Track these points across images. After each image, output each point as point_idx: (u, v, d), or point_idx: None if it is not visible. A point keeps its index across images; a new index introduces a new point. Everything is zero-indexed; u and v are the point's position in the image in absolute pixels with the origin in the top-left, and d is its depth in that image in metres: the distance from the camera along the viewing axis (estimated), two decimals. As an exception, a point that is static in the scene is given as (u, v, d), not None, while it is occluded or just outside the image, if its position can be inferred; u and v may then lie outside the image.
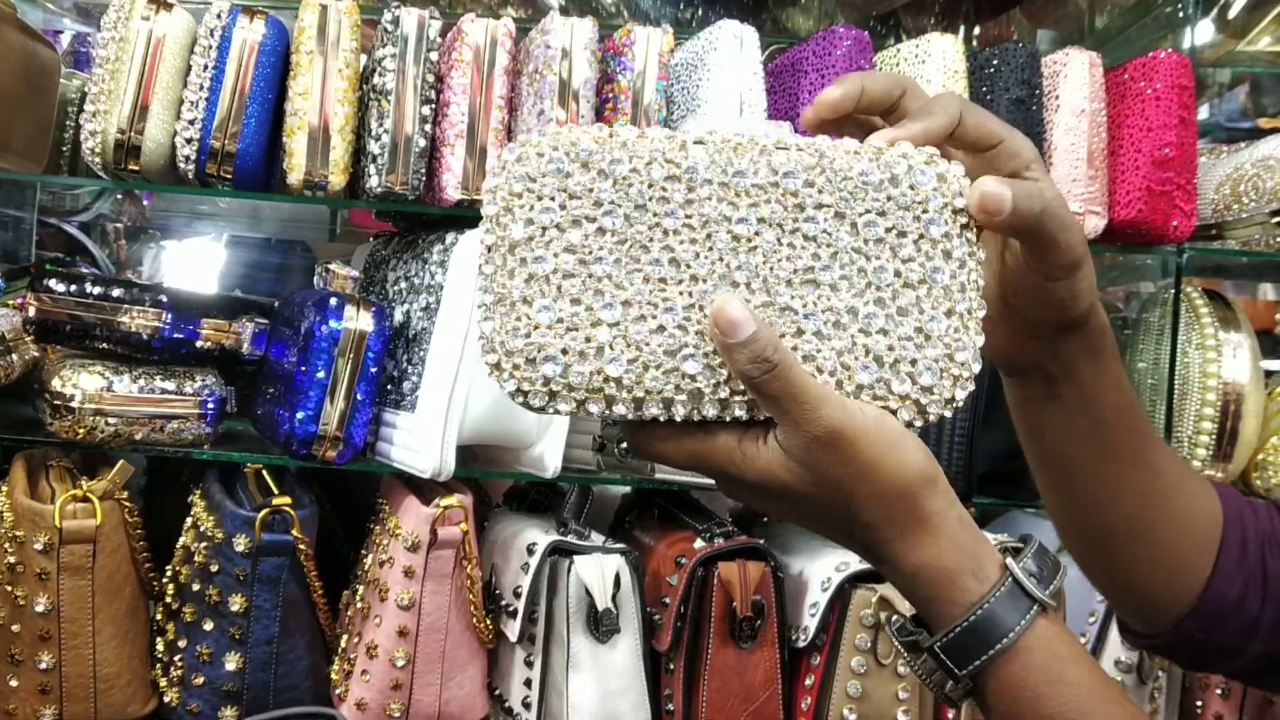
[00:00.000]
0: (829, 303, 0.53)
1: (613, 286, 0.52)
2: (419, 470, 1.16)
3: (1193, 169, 1.27)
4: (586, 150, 0.51)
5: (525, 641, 1.24)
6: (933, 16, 1.54)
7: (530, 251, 0.51)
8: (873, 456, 0.51)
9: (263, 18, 1.19)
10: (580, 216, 0.51)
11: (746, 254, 0.52)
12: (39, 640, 1.15)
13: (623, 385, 0.51)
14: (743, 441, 0.53)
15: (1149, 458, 0.67)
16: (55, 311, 1.19)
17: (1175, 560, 0.69)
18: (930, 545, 0.52)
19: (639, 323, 0.52)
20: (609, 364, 0.51)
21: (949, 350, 0.53)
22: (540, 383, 0.51)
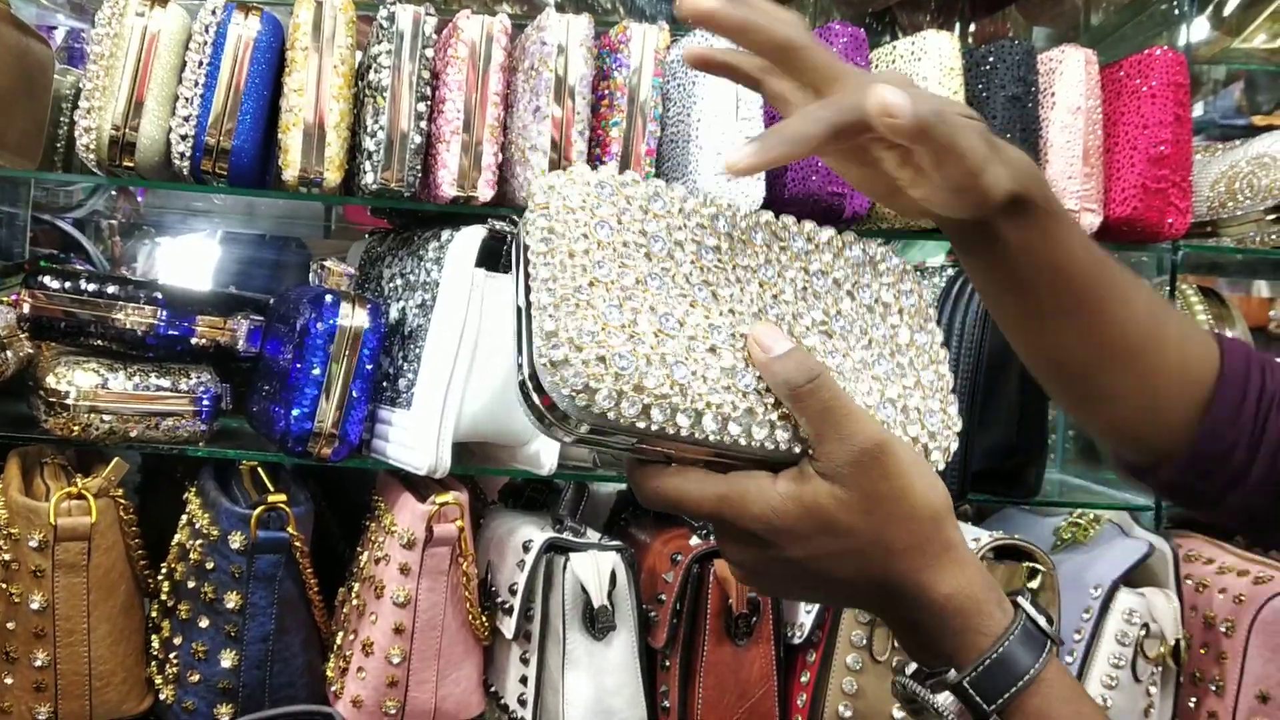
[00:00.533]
0: (845, 351, 0.57)
1: (666, 305, 0.53)
2: (415, 467, 1.16)
3: (1188, 166, 1.27)
4: (629, 186, 0.55)
5: (521, 639, 1.24)
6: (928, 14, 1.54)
7: (589, 259, 0.52)
8: (912, 476, 0.52)
9: (258, 14, 1.19)
10: (630, 240, 0.54)
11: (773, 299, 0.56)
12: (34, 638, 1.15)
13: (687, 394, 0.51)
14: (779, 481, 0.52)
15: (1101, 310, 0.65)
16: (50, 308, 1.18)
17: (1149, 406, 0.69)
18: (960, 574, 0.53)
19: (693, 341, 0.53)
20: (675, 369, 0.51)
21: (943, 404, 0.58)
22: (611, 380, 0.50)
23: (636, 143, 1.21)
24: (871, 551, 0.52)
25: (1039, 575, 1.16)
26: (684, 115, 1.23)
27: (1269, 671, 1.10)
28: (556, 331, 0.50)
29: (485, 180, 1.19)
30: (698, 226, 0.56)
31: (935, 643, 0.54)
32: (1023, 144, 1.24)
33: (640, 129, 1.21)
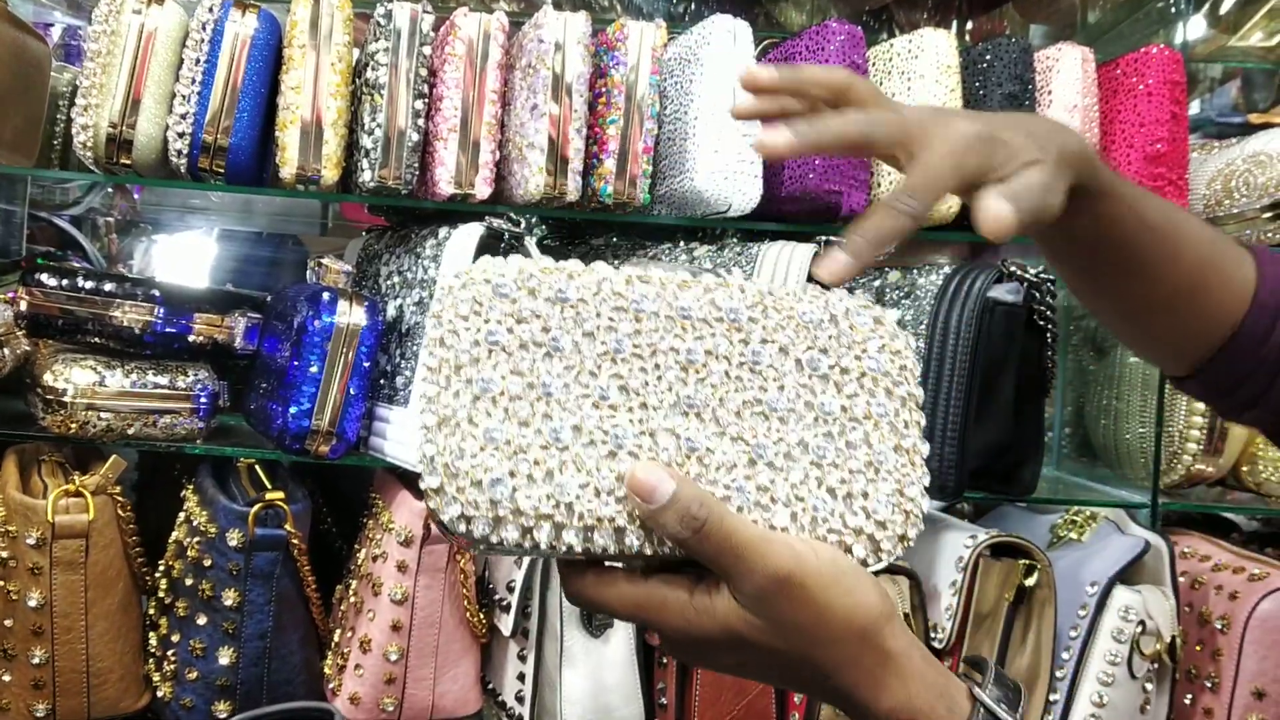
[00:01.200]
0: (780, 434, 0.53)
1: (561, 411, 0.50)
2: (412, 465, 1.16)
3: (1184, 164, 1.27)
4: (534, 279, 0.51)
5: (519, 636, 1.24)
6: (926, 11, 1.54)
7: (476, 371, 0.49)
8: (829, 599, 0.49)
9: (255, 11, 1.19)
10: (528, 340, 0.50)
11: (696, 384, 0.52)
12: (32, 635, 1.15)
13: (574, 511, 0.49)
14: (694, 594, 0.50)
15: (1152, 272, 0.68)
16: (47, 306, 1.18)
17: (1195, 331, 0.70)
18: (900, 688, 0.51)
19: (590, 448, 0.50)
20: (559, 488, 0.49)
21: (899, 485, 0.54)
22: (486, 507, 0.48)
23: (634, 140, 1.21)
24: (800, 668, 0.51)
25: (1035, 572, 1.16)
26: (681, 113, 1.24)
27: (1264, 668, 1.11)
28: (434, 458, 0.48)
29: (483, 178, 1.19)
30: (615, 311, 0.52)
31: None
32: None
33: (637, 126, 1.21)
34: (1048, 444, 1.51)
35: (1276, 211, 1.35)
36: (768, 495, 0.52)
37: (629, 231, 1.36)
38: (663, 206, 1.29)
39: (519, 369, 0.50)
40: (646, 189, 1.22)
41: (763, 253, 1.22)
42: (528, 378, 0.50)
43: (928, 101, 1.22)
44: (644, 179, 1.22)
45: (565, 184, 1.19)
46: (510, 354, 0.50)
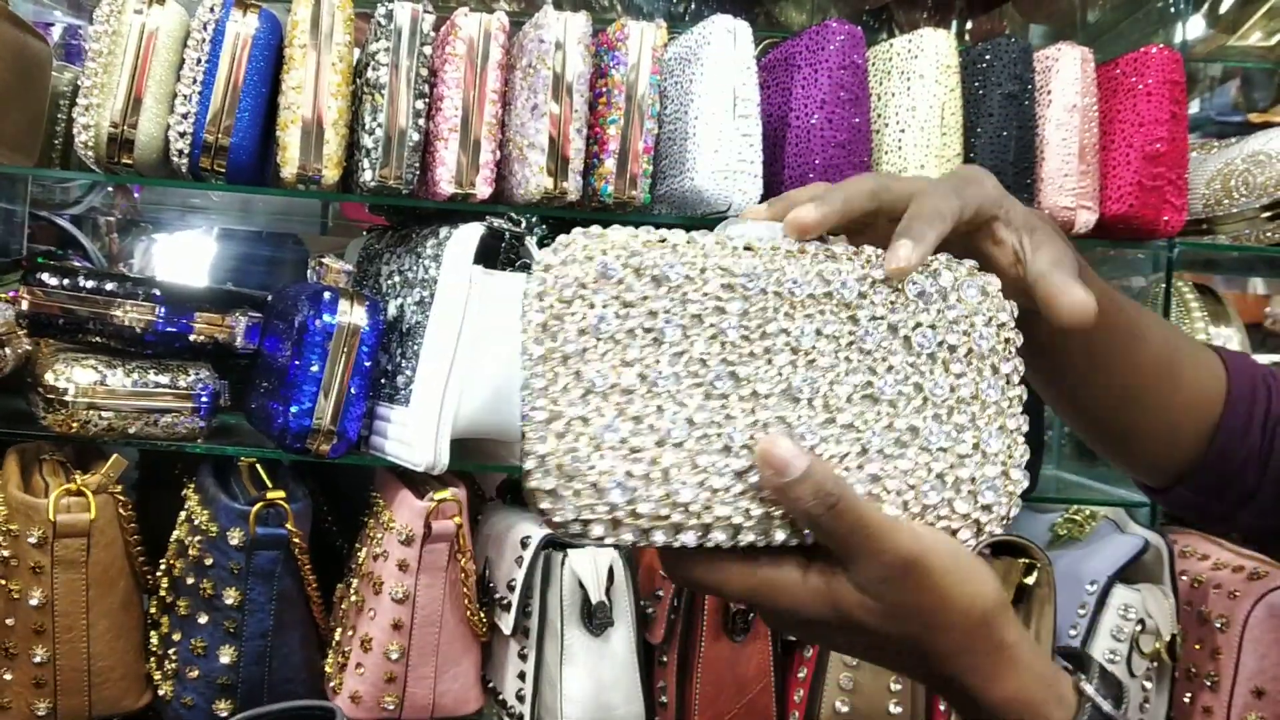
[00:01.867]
0: (890, 420, 0.50)
1: (674, 404, 0.47)
2: (413, 464, 1.17)
3: (1184, 164, 1.27)
4: (639, 255, 0.47)
5: (519, 634, 1.24)
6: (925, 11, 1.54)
7: (585, 364, 0.46)
8: (950, 586, 0.49)
9: (255, 11, 1.19)
10: (635, 327, 0.47)
11: (806, 369, 0.49)
12: (33, 634, 1.15)
13: (690, 511, 0.47)
14: (807, 576, 0.50)
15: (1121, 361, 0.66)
16: (48, 305, 1.18)
17: (1163, 440, 0.69)
18: (1012, 678, 0.50)
19: (704, 441, 0.48)
20: (676, 488, 0.47)
21: (1005, 468, 0.52)
22: (604, 510, 0.46)
23: (634, 140, 1.21)
24: (910, 653, 0.51)
25: (1035, 571, 1.16)
26: (681, 113, 1.24)
27: (1264, 666, 1.11)
28: (546, 457, 0.46)
29: (483, 178, 1.20)
30: (722, 289, 0.48)
31: None
32: (1019, 142, 1.24)
33: (638, 126, 1.21)
34: (1047, 443, 1.52)
35: (1275, 211, 1.36)
36: (879, 485, 0.50)
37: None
38: (663, 206, 1.29)
39: (628, 359, 0.47)
40: (647, 189, 1.22)
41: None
42: (637, 368, 0.47)
43: (927, 100, 1.22)
44: (644, 178, 1.22)
45: (566, 184, 1.19)
46: (619, 342, 0.47)
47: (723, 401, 0.48)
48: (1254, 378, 0.70)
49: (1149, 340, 0.66)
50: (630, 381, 0.47)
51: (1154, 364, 0.67)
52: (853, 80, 1.22)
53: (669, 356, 0.48)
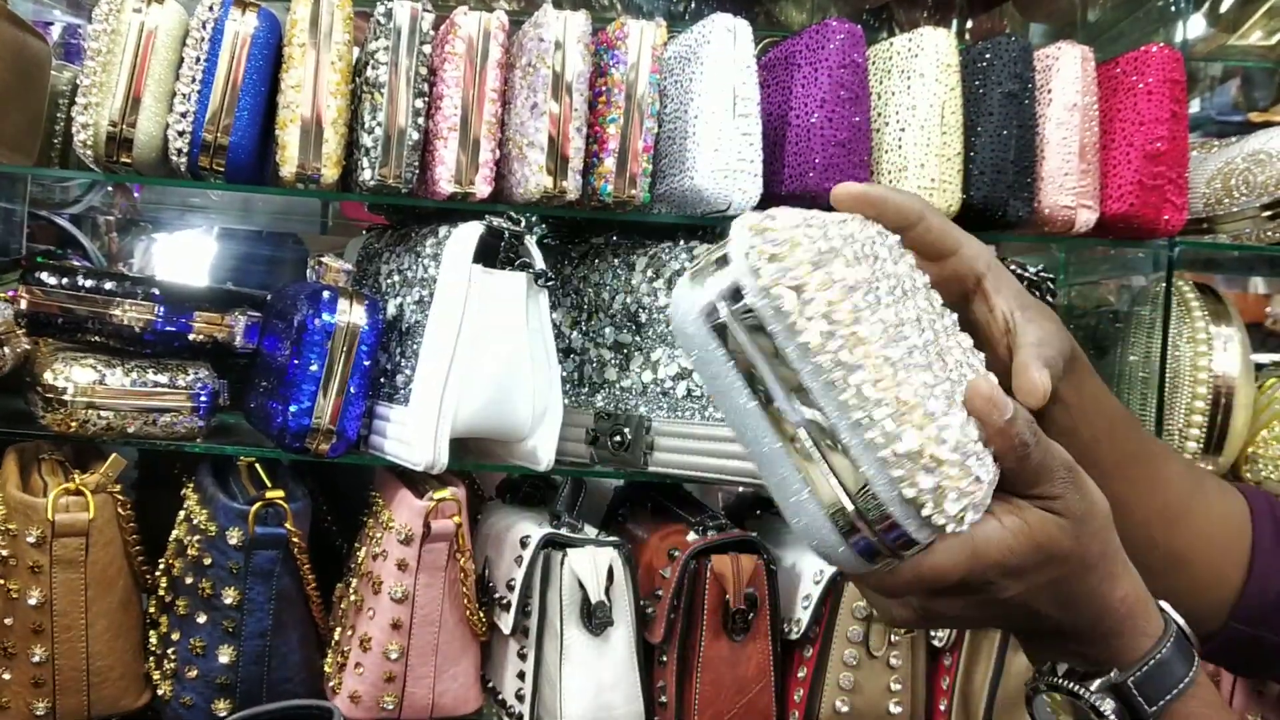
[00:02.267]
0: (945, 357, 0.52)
1: (921, 373, 0.47)
2: (412, 463, 1.16)
3: (1184, 163, 1.27)
4: (836, 231, 0.47)
5: (519, 634, 1.24)
6: (925, 10, 1.54)
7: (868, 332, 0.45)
8: (1092, 488, 0.52)
9: (254, 10, 1.19)
10: (874, 301, 0.46)
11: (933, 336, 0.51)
12: (32, 633, 1.15)
13: (978, 480, 0.48)
14: (1003, 520, 0.50)
15: (1149, 473, 0.67)
16: (47, 304, 1.18)
17: (1203, 568, 0.68)
18: (1128, 576, 0.53)
19: (950, 407, 0.47)
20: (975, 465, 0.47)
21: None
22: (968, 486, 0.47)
23: (634, 139, 1.21)
24: (1076, 571, 0.52)
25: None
26: (681, 112, 1.24)
27: (1264, 666, 1.11)
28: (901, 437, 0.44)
29: (482, 177, 1.19)
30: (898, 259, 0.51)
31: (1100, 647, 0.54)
32: (1019, 141, 1.24)
33: (637, 125, 1.21)
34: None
35: (1276, 210, 1.35)
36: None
37: (629, 230, 1.36)
38: (663, 205, 1.29)
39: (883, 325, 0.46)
40: (646, 188, 1.22)
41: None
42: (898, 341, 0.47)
43: (927, 99, 1.22)
44: (644, 177, 1.22)
45: (565, 183, 1.19)
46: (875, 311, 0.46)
47: (942, 363, 0.50)
48: (1262, 496, 0.71)
49: (1173, 461, 0.68)
50: (898, 353, 0.46)
51: (1182, 487, 0.68)
52: (853, 79, 1.22)
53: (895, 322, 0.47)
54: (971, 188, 1.24)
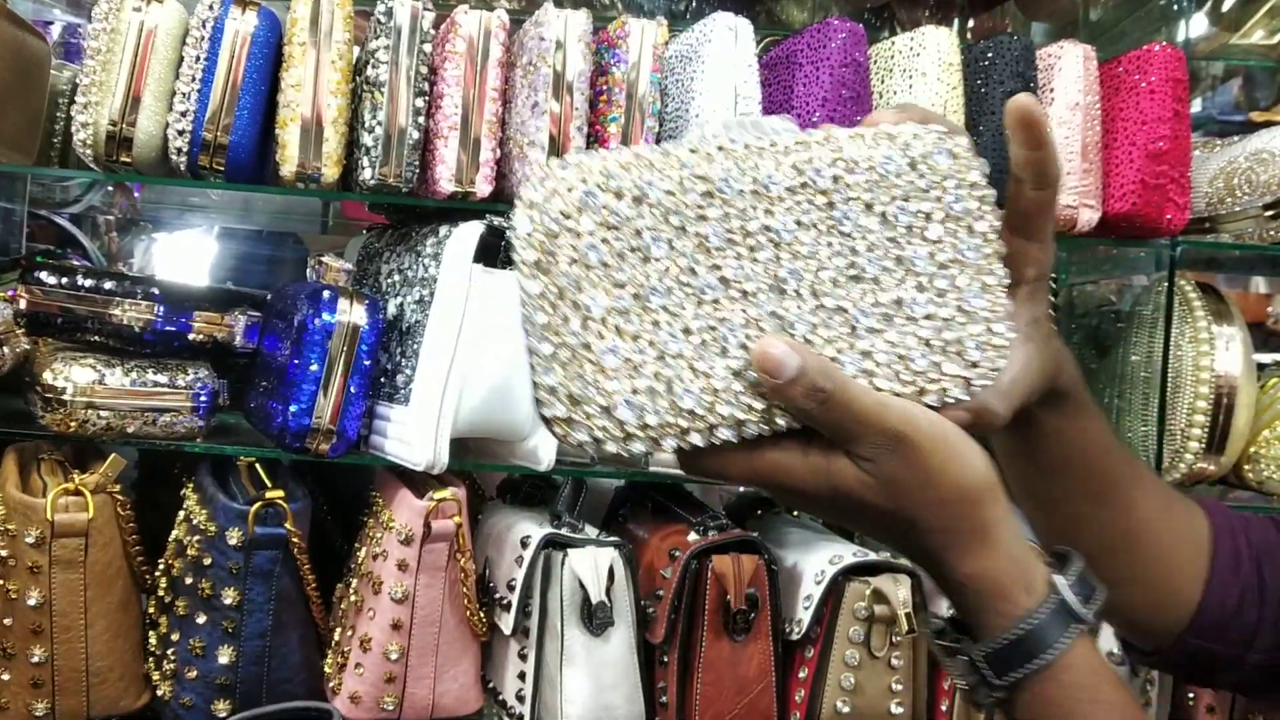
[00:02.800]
0: (876, 297, 0.52)
1: (669, 316, 0.49)
2: (412, 463, 1.16)
3: (1186, 162, 1.27)
4: (617, 178, 0.48)
5: (519, 634, 1.24)
6: (927, 9, 1.54)
7: (580, 293, 0.48)
8: (939, 463, 0.51)
9: (254, 9, 1.19)
10: (624, 249, 0.49)
11: (791, 261, 0.51)
12: (31, 634, 1.15)
13: (696, 415, 0.50)
14: (808, 456, 0.52)
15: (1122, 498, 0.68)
16: (46, 304, 1.18)
17: (1161, 586, 0.70)
18: (986, 556, 0.52)
19: (702, 349, 0.50)
20: (682, 397, 0.49)
21: (989, 323, 0.54)
22: (615, 428, 0.49)
23: (635, 138, 1.20)
24: (898, 527, 0.53)
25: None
26: (682, 110, 1.23)
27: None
28: (556, 388, 0.48)
29: (483, 176, 1.19)
30: (702, 198, 0.49)
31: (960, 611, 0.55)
32: (1021, 140, 1.23)
33: (638, 124, 1.20)
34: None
35: (1278, 210, 1.35)
36: (870, 360, 0.52)
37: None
38: (663, 204, 1.29)
39: (620, 280, 0.49)
40: (647, 187, 1.22)
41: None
42: (630, 288, 0.49)
43: (929, 98, 1.22)
44: (645, 177, 1.21)
45: (566, 182, 1.18)
46: (609, 266, 0.48)
47: (715, 306, 0.50)
48: (1229, 514, 0.72)
49: (1149, 491, 0.69)
50: (625, 302, 0.49)
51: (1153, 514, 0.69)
52: (854, 78, 1.22)
53: (658, 271, 0.49)
54: (973, 187, 1.24)
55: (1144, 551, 0.69)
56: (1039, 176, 0.57)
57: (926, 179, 0.53)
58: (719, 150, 0.50)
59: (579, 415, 0.48)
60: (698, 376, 0.50)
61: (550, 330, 0.48)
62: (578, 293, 0.48)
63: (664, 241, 0.49)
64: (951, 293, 0.53)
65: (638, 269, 0.49)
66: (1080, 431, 0.64)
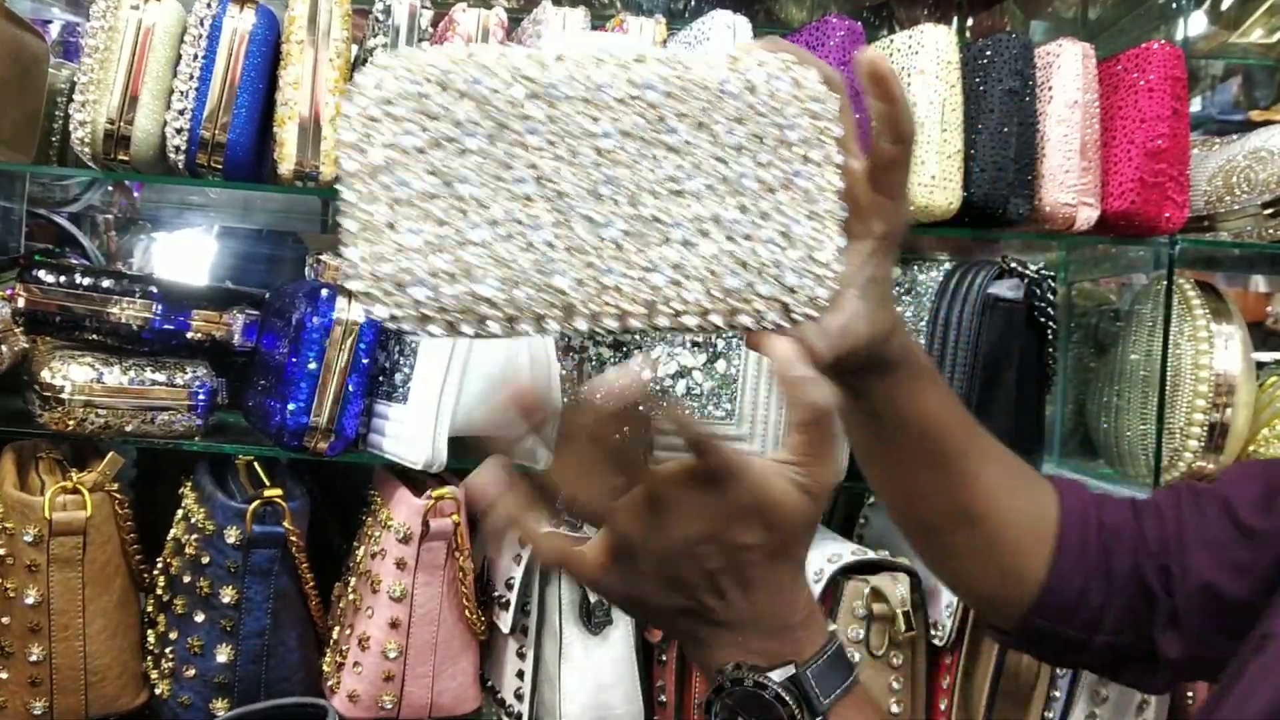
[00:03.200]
0: (694, 211, 0.53)
1: (478, 206, 0.51)
2: (411, 462, 1.16)
3: (1185, 160, 1.27)
4: (444, 71, 0.51)
5: (518, 633, 1.24)
6: (926, 7, 1.54)
7: (392, 176, 0.50)
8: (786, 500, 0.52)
9: (253, 7, 1.19)
10: (441, 138, 0.51)
11: (611, 168, 0.52)
12: (29, 632, 1.15)
13: (495, 304, 0.51)
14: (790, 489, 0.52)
15: (961, 470, 0.68)
16: (45, 303, 1.18)
17: (1005, 564, 0.70)
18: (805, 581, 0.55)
19: (507, 241, 0.51)
20: (479, 284, 0.51)
21: (811, 251, 0.54)
22: (411, 307, 0.50)
23: (633, 136, 1.20)
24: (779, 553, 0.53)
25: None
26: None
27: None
28: (356, 262, 0.50)
29: (481, 174, 1.19)
30: (529, 99, 0.51)
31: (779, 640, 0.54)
32: (1020, 138, 1.23)
33: (637, 123, 1.20)
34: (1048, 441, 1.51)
35: (1277, 208, 1.35)
36: (682, 273, 0.53)
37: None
38: (662, 203, 1.29)
39: (434, 167, 0.50)
40: (646, 185, 1.22)
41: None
42: (442, 176, 0.51)
43: (928, 96, 1.21)
44: (643, 175, 1.21)
45: (564, 180, 1.18)
46: (424, 153, 0.50)
47: (526, 202, 0.51)
48: (1083, 495, 0.72)
49: (992, 463, 0.69)
50: (434, 189, 0.51)
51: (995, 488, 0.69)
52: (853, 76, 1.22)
53: (475, 163, 0.51)
54: (972, 185, 1.24)
55: (986, 527, 0.69)
56: (891, 130, 0.57)
57: (765, 104, 0.54)
58: (556, 59, 0.52)
59: (377, 290, 0.50)
60: (499, 266, 0.51)
61: (358, 207, 0.50)
62: (389, 175, 0.50)
63: (482, 135, 0.51)
64: (776, 216, 0.54)
65: (453, 159, 0.51)
66: (913, 400, 0.64)
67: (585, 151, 0.52)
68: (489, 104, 0.51)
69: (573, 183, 0.52)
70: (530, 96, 0.51)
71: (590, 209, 0.52)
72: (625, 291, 0.52)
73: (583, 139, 0.52)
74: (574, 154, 0.52)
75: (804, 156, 0.54)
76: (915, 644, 1.24)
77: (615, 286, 0.52)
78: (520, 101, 0.51)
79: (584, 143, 0.52)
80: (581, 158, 0.52)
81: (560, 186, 0.52)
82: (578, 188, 0.52)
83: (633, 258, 0.52)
